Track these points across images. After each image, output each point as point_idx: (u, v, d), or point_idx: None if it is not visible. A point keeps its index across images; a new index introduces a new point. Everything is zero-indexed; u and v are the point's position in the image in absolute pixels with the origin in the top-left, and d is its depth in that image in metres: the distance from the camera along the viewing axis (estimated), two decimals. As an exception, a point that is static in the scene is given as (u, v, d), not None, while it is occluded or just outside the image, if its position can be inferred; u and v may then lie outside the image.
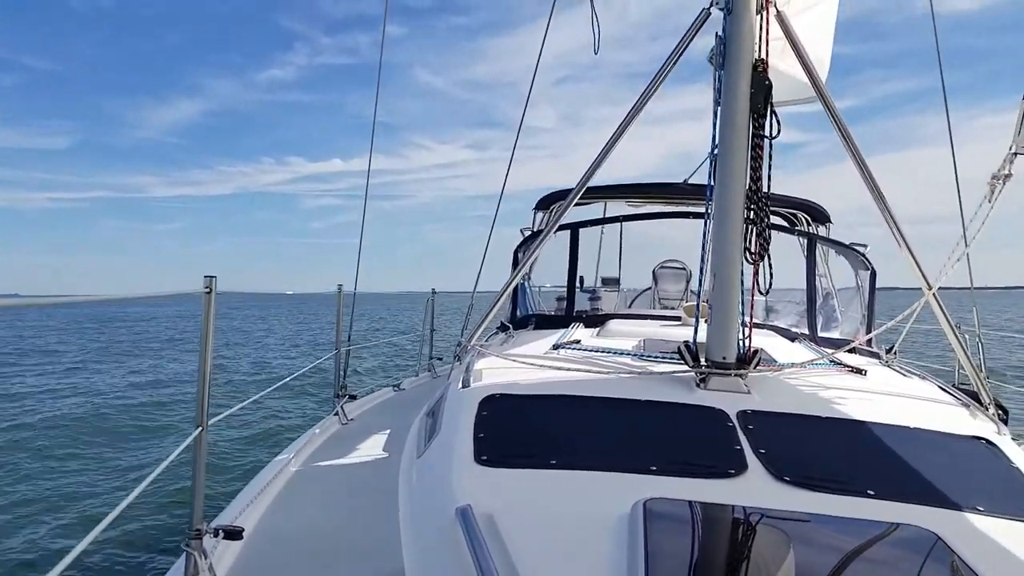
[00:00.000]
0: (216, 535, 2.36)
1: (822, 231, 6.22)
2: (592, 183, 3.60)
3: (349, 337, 5.55)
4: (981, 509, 2.13)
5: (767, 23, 3.01)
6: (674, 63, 3.31)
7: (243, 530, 2.45)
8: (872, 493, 2.17)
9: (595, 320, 4.56)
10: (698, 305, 3.23)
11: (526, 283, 5.58)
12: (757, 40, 2.98)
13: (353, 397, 5.12)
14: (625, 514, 1.95)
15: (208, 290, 2.36)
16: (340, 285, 5.22)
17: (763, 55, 2.99)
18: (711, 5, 3.23)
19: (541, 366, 3.13)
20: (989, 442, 2.58)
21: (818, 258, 5.05)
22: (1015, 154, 3.36)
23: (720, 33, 3.05)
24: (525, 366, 3.15)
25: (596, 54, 4.47)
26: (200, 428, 2.39)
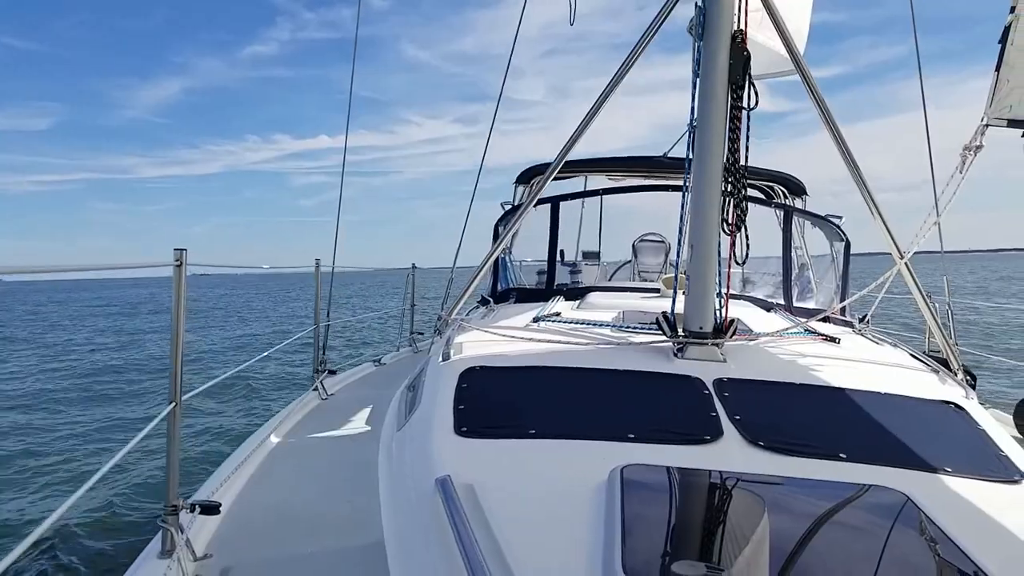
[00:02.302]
0: (192, 510, 2.35)
1: (798, 203, 6.27)
2: (573, 156, 3.59)
3: (328, 312, 5.52)
4: (949, 470, 2.18)
5: None
6: (654, 33, 3.30)
7: (220, 505, 2.45)
8: (844, 456, 2.21)
9: (575, 293, 4.57)
10: (676, 276, 3.25)
11: (507, 257, 5.57)
12: (736, 11, 2.98)
13: (333, 372, 5.11)
14: (603, 481, 1.97)
15: (178, 263, 2.33)
16: (318, 260, 5.18)
17: (742, 26, 2.98)
18: None
19: (521, 339, 3.13)
20: (957, 406, 2.64)
21: (794, 230, 5.10)
22: (986, 125, 3.41)
23: (700, 3, 3.04)
24: (505, 339, 3.16)
25: (572, 24, 4.44)
26: (173, 404, 2.37)
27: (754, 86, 2.99)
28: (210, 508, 2.40)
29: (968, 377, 3.07)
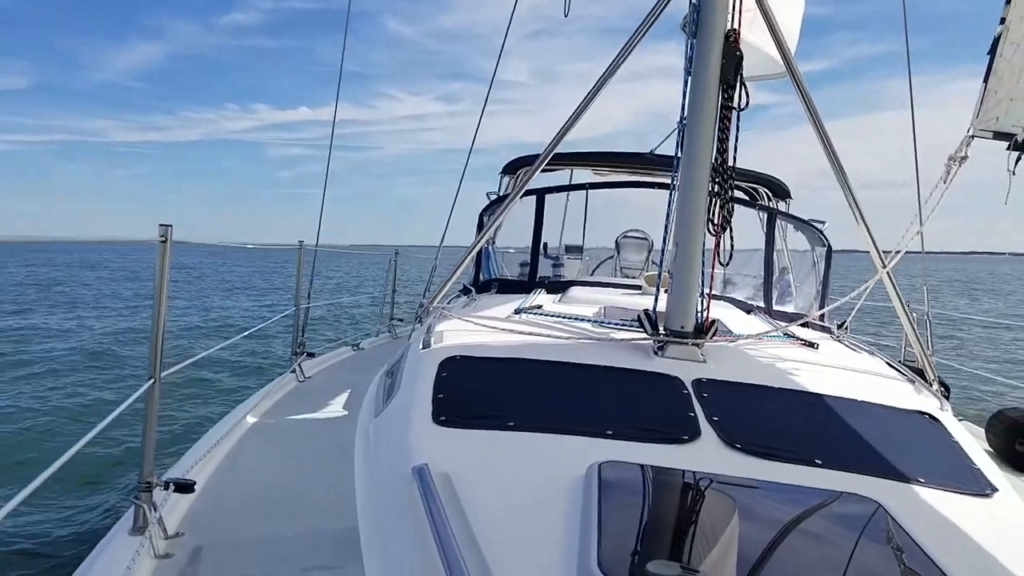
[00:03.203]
0: (167, 488, 2.33)
1: (782, 206, 6.31)
2: (559, 149, 3.58)
3: (309, 295, 5.49)
4: (921, 480, 2.21)
5: None
6: (645, 31, 3.29)
7: (194, 483, 2.43)
8: (819, 462, 2.23)
9: (557, 286, 4.58)
10: (659, 274, 3.26)
11: (490, 247, 5.57)
12: (730, 9, 2.98)
13: (311, 355, 5.09)
14: (580, 476, 1.98)
15: (164, 239, 2.30)
16: (301, 242, 5.15)
17: (735, 25, 2.99)
18: None
19: (502, 330, 3.13)
20: (932, 417, 2.67)
21: (777, 233, 5.14)
22: (972, 137, 3.44)
23: (693, 1, 3.04)
24: (486, 329, 3.16)
25: (566, 16, 4.42)
26: (152, 380, 2.35)
27: (745, 86, 3.00)
28: (184, 486, 2.38)
29: (943, 388, 3.11)
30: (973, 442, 2.58)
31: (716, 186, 2.98)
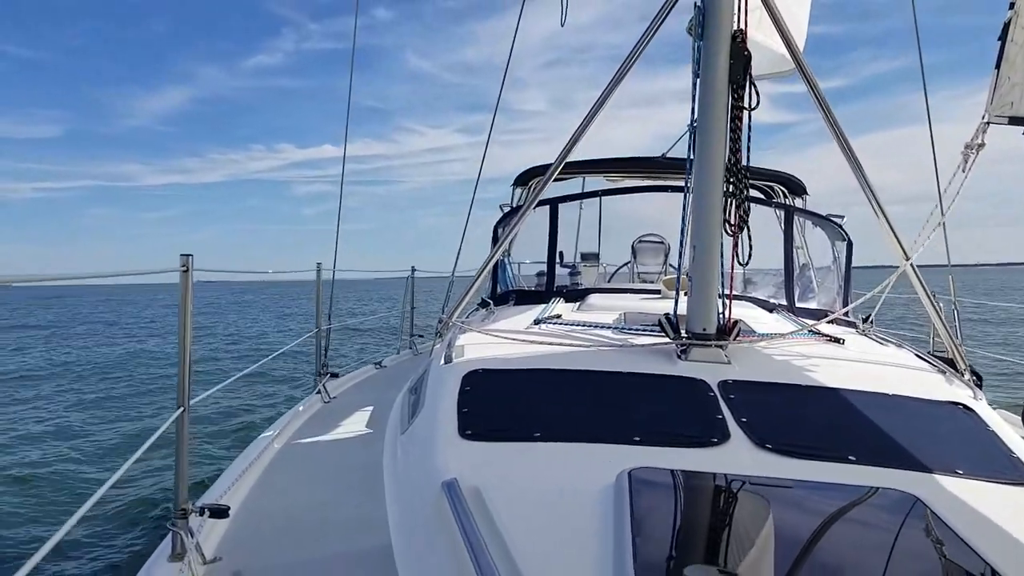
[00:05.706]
0: (202, 514, 2.36)
1: (799, 203, 6.26)
2: (570, 159, 3.58)
3: (330, 316, 5.54)
4: (959, 472, 2.18)
5: None
6: (654, 32, 3.29)
7: (229, 508, 2.45)
8: (853, 459, 2.20)
9: (575, 295, 4.57)
10: (679, 278, 3.25)
11: (506, 259, 5.58)
12: (736, 10, 2.98)
13: (335, 375, 5.13)
14: (610, 484, 1.97)
15: (184, 268, 2.34)
16: (319, 264, 5.20)
17: (742, 25, 2.98)
18: None
19: (523, 341, 3.14)
20: (966, 407, 2.63)
21: (795, 230, 5.09)
22: (988, 123, 3.40)
23: (699, 3, 3.04)
24: (507, 341, 3.16)
25: (562, 26, 4.44)
26: (182, 408, 2.39)
27: (755, 86, 2.99)
28: (219, 512, 2.40)
29: (975, 377, 3.06)
30: (1009, 430, 2.54)
31: (731, 186, 2.97)
